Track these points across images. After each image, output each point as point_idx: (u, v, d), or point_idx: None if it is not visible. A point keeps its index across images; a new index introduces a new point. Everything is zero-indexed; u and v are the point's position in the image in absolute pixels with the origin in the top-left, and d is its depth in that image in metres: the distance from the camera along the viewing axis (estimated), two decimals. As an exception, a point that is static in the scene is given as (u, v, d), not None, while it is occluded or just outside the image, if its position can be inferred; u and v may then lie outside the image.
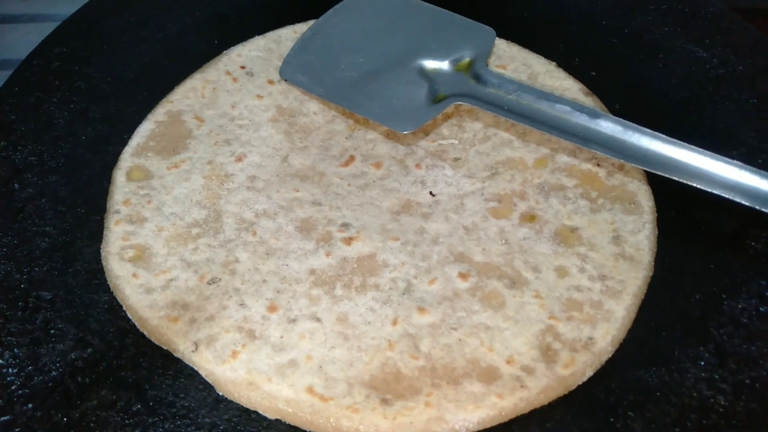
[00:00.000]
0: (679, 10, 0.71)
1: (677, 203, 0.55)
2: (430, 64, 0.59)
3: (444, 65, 0.58)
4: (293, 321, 0.48)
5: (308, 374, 0.45)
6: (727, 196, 0.46)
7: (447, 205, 0.56)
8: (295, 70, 0.62)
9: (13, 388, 0.44)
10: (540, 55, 0.67)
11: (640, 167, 0.51)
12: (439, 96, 0.56)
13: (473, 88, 0.55)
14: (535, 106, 0.53)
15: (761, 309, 0.48)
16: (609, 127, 0.51)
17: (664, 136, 0.49)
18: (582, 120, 0.51)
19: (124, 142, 0.59)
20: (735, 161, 0.47)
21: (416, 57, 0.59)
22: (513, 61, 0.67)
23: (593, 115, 0.51)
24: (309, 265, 0.52)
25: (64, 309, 0.49)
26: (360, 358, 0.46)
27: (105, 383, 0.45)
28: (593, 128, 0.51)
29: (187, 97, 0.63)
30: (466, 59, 0.58)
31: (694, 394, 0.44)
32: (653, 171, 0.49)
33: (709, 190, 0.47)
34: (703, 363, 0.46)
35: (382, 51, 0.61)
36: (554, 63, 0.67)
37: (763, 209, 0.45)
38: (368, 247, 0.53)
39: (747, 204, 0.46)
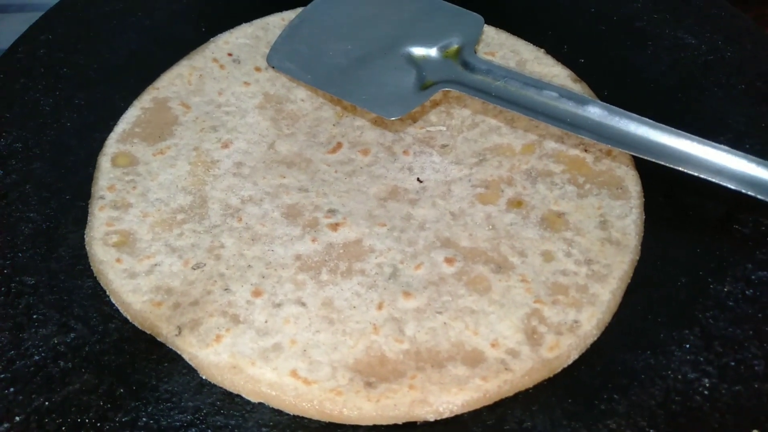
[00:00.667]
0: (668, -4, 0.71)
1: (665, 188, 0.55)
2: (418, 50, 0.59)
3: (432, 52, 0.58)
4: (278, 306, 0.48)
5: (292, 358, 0.45)
6: (714, 180, 0.46)
7: (434, 191, 0.56)
8: (282, 57, 0.61)
9: (-6, 372, 0.44)
10: (529, 42, 0.67)
11: (628, 152, 0.51)
12: (427, 83, 0.56)
13: (461, 75, 0.55)
14: (523, 92, 0.53)
15: (747, 292, 0.48)
16: (596, 112, 0.50)
17: (651, 121, 0.49)
18: (569, 106, 0.51)
19: (110, 129, 0.59)
20: (722, 146, 0.47)
21: (404, 44, 0.59)
22: (501, 48, 0.67)
23: (580, 101, 0.51)
24: (295, 250, 0.52)
25: (47, 294, 0.48)
26: (345, 342, 0.46)
27: (88, 368, 0.45)
28: (580, 114, 0.51)
29: (173, 84, 0.63)
30: (455, 46, 0.58)
31: (679, 377, 0.44)
32: (640, 156, 0.49)
33: (697, 174, 0.47)
34: (688, 346, 0.46)
35: (370, 38, 0.61)
36: (543, 50, 0.66)
37: (749, 193, 0.45)
38: (354, 232, 0.53)
39: (734, 188, 0.46)
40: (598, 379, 0.45)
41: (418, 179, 0.57)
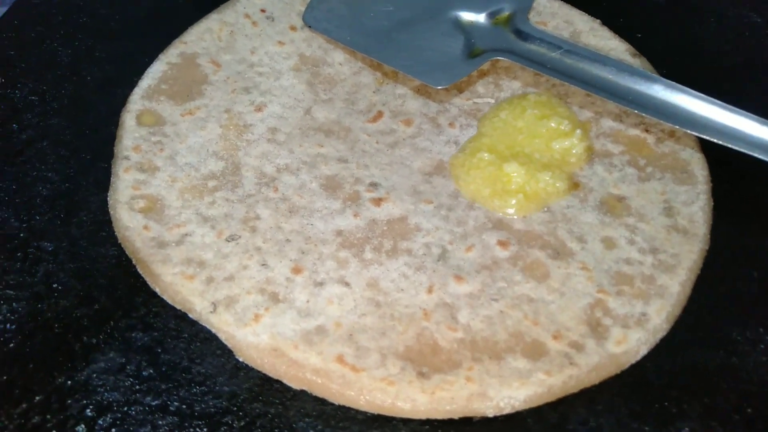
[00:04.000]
0: (732, -29, 0.66)
1: (733, 173, 0.51)
2: (466, 15, 0.54)
3: (482, 18, 0.54)
4: (320, 285, 0.44)
5: (338, 342, 0.41)
6: None
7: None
8: (319, 16, 0.57)
9: (11, 346, 0.40)
10: (583, 12, 0.63)
11: (693, 133, 0.47)
12: (476, 50, 0.52)
13: (513, 44, 0.51)
14: (581, 65, 0.48)
15: (826, 290, 0.45)
16: (660, 89, 0.46)
17: (718, 101, 0.45)
18: (631, 82, 0.47)
19: (133, 85, 0.54)
20: None
21: (452, 7, 0.55)
22: (554, 18, 0.62)
23: (643, 76, 0.47)
24: (335, 225, 0.48)
25: (68, 262, 0.44)
26: (393, 327, 0.42)
27: (113, 344, 0.41)
28: (643, 91, 0.47)
29: (202, 39, 0.58)
30: (506, 13, 0.53)
31: (755, 380, 0.41)
32: (707, 138, 0.45)
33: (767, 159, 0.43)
34: (763, 346, 0.43)
35: (415, 0, 0.56)
36: (598, 21, 0.62)
37: None
38: (399, 209, 0.49)
39: None
40: (667, 378, 0.42)
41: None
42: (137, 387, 0.39)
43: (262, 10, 0.61)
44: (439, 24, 0.54)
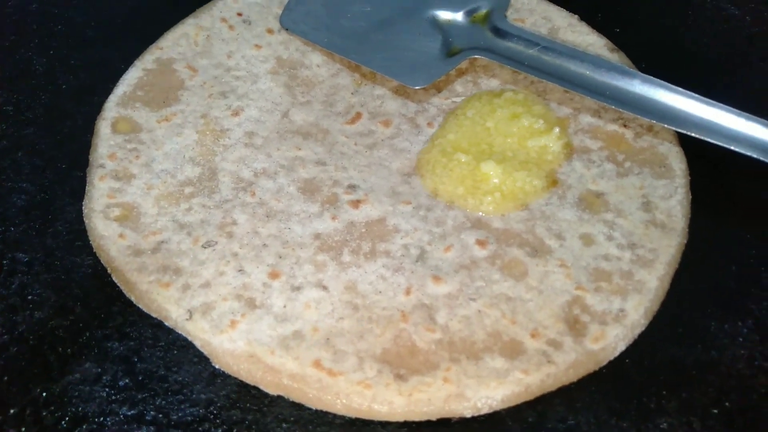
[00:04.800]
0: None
1: (711, 167, 0.51)
2: (443, 14, 0.54)
3: (459, 16, 0.53)
4: (297, 289, 0.44)
5: (315, 347, 0.41)
6: (765, 159, 0.42)
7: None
8: (296, 19, 0.56)
9: (-14, 358, 0.40)
10: (561, 7, 0.62)
11: (671, 128, 0.47)
12: (454, 49, 0.52)
13: (491, 42, 0.51)
14: (558, 61, 0.48)
15: (804, 282, 0.45)
16: (638, 84, 0.46)
17: (697, 95, 0.45)
18: (609, 77, 0.47)
19: (109, 93, 0.54)
20: None
21: (429, 7, 0.54)
22: (532, 15, 0.62)
23: (621, 72, 0.47)
24: (313, 228, 0.47)
25: (43, 273, 0.44)
26: (371, 330, 0.42)
27: (89, 355, 0.41)
28: (621, 86, 0.47)
29: (178, 44, 0.57)
30: (483, 10, 0.53)
31: (733, 373, 0.41)
32: (685, 132, 0.45)
33: (746, 153, 0.43)
34: (741, 339, 0.43)
35: (392, 0, 0.56)
36: (576, 17, 0.62)
37: None
38: (377, 210, 0.49)
39: None
40: (646, 374, 0.42)
41: (443, 154, 0.52)
42: (113, 397, 0.39)
43: (239, 14, 0.61)
44: (416, 24, 0.54)
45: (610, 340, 0.42)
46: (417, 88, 0.53)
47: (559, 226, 0.48)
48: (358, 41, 0.53)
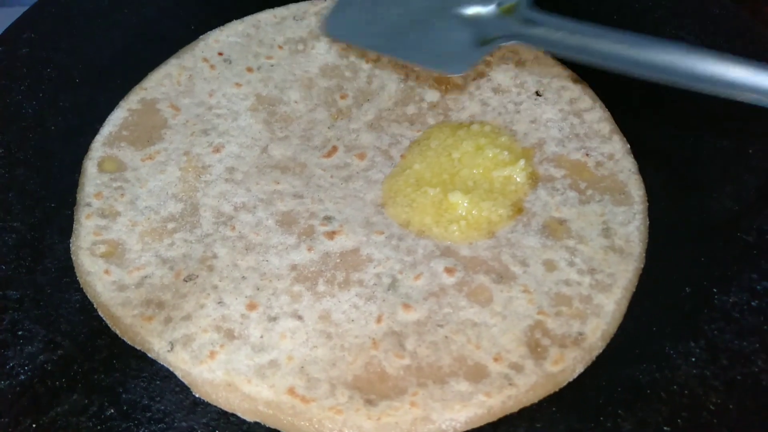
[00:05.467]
0: (669, -5, 0.70)
1: (668, 193, 0.54)
2: (471, 10, 0.55)
3: (487, 10, 0.55)
4: (274, 319, 0.46)
5: (289, 375, 0.43)
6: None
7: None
8: (339, 27, 0.58)
9: (-23, 393, 0.42)
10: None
11: (708, 91, 0.47)
12: (486, 39, 0.54)
13: (520, 29, 0.52)
14: (586, 42, 0.50)
15: (752, 303, 0.47)
16: (666, 53, 0.47)
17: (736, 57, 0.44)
18: (636, 52, 0.48)
19: (96, 133, 0.56)
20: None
21: (458, 3, 0.56)
22: (500, 48, 0.65)
23: (646, 44, 0.48)
24: (290, 260, 0.50)
25: (33, 309, 0.47)
26: (343, 358, 0.45)
27: (76, 387, 0.43)
28: (649, 57, 0.47)
29: (162, 84, 0.60)
30: (511, 2, 0.54)
31: (686, 392, 0.43)
32: (714, 92, 0.45)
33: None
34: (694, 359, 0.45)
35: (420, 2, 0.58)
36: (542, 49, 0.65)
37: None
38: (352, 241, 0.51)
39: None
40: (604, 394, 0.44)
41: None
42: (99, 427, 0.41)
43: (220, 53, 0.63)
44: (448, 20, 0.56)
45: (569, 363, 0.44)
46: (457, 75, 0.58)
47: (523, 253, 0.51)
48: (396, 41, 0.56)
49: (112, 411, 0.42)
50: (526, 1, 0.54)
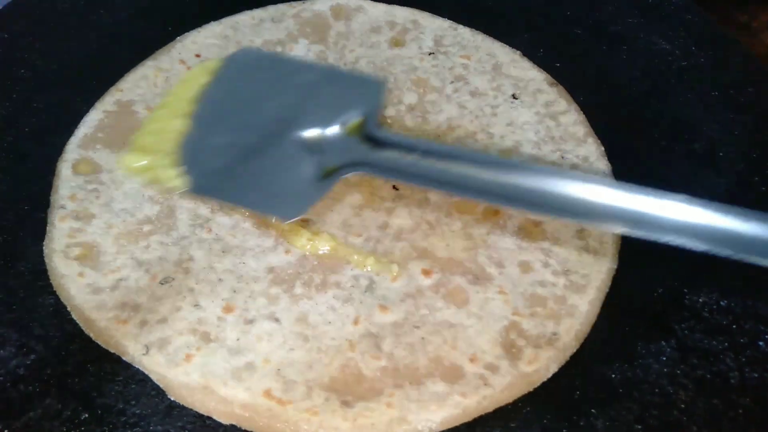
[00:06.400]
0: (643, 1, 0.71)
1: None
2: (312, 132, 0.45)
3: (329, 131, 0.45)
4: (250, 322, 0.46)
5: (266, 377, 0.43)
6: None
7: (410, 199, 0.54)
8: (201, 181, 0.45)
9: (-52, 399, 0.42)
10: (505, 44, 0.66)
11: (569, 221, 0.45)
12: (327, 169, 0.44)
13: (367, 154, 0.43)
14: (440, 165, 0.42)
15: (722, 303, 0.48)
16: (530, 179, 0.39)
17: (595, 178, 0.40)
18: (493, 175, 0.40)
19: (70, 135, 0.56)
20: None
21: (297, 126, 0.45)
22: (477, 51, 0.66)
23: (506, 167, 0.40)
24: (267, 262, 0.50)
25: (5, 313, 0.46)
26: (320, 360, 0.45)
27: (50, 391, 0.43)
28: (508, 183, 0.40)
29: (138, 86, 0.60)
30: (356, 120, 0.45)
31: (656, 390, 0.44)
32: (584, 223, 0.44)
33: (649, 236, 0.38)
34: (665, 358, 0.46)
35: (255, 126, 0.47)
36: (519, 52, 0.66)
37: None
38: (329, 243, 0.51)
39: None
40: (578, 393, 0.44)
41: (394, 187, 0.55)
42: (73, 431, 0.41)
43: (197, 55, 0.63)
44: (285, 147, 0.45)
45: (543, 363, 0.45)
46: (287, 222, 0.50)
47: (499, 255, 0.51)
48: (222, 180, 0.44)
49: (86, 415, 0.42)
50: (373, 117, 0.45)
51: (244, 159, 0.45)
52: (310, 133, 0.45)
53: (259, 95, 0.48)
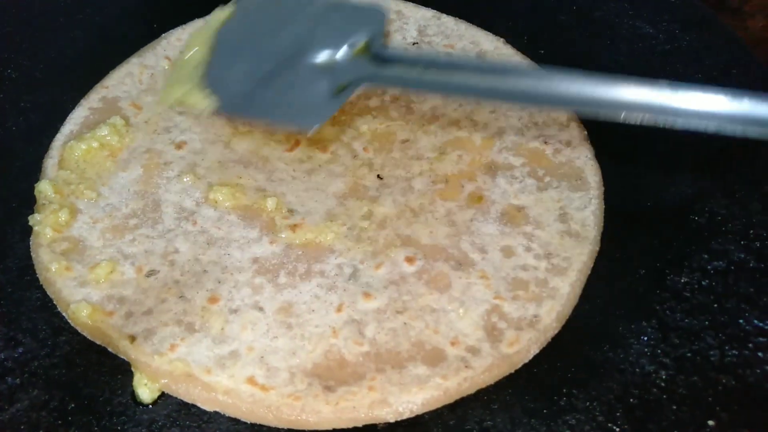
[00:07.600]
0: (626, -15, 0.71)
1: (623, 178, 0.55)
2: (322, 56, 0.50)
3: (338, 54, 0.50)
4: (235, 312, 0.47)
5: (249, 365, 0.44)
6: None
7: (394, 187, 0.55)
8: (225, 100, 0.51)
9: (-64, 392, 0.42)
10: (488, 32, 0.67)
11: (567, 110, 0.49)
12: (340, 86, 0.49)
13: (374, 70, 0.49)
14: (441, 75, 0.47)
15: (703, 283, 0.49)
16: (522, 79, 0.44)
17: (581, 72, 0.44)
18: (493, 80, 0.45)
19: (57, 132, 0.56)
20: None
21: (308, 50, 0.51)
22: (461, 40, 0.66)
23: (503, 71, 0.46)
24: (252, 253, 0.50)
25: (-7, 308, 0.47)
26: (303, 347, 0.45)
27: (37, 383, 0.43)
28: (504, 86, 0.45)
29: (123, 82, 0.61)
30: (362, 42, 0.50)
31: (637, 370, 0.45)
32: (578, 111, 0.47)
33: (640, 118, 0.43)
34: (646, 338, 0.46)
35: (270, 53, 0.52)
36: (502, 40, 0.66)
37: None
38: (313, 233, 0.52)
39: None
40: (559, 374, 0.45)
41: (378, 176, 0.56)
42: (59, 421, 0.42)
43: (182, 52, 0.64)
44: (299, 71, 0.51)
45: (524, 344, 0.45)
46: (309, 132, 0.54)
47: (482, 240, 0.51)
48: (246, 100, 0.50)
49: (73, 405, 0.42)
50: (377, 39, 0.50)
51: (265, 82, 0.50)
52: (323, 56, 0.50)
53: (272, 27, 0.53)
